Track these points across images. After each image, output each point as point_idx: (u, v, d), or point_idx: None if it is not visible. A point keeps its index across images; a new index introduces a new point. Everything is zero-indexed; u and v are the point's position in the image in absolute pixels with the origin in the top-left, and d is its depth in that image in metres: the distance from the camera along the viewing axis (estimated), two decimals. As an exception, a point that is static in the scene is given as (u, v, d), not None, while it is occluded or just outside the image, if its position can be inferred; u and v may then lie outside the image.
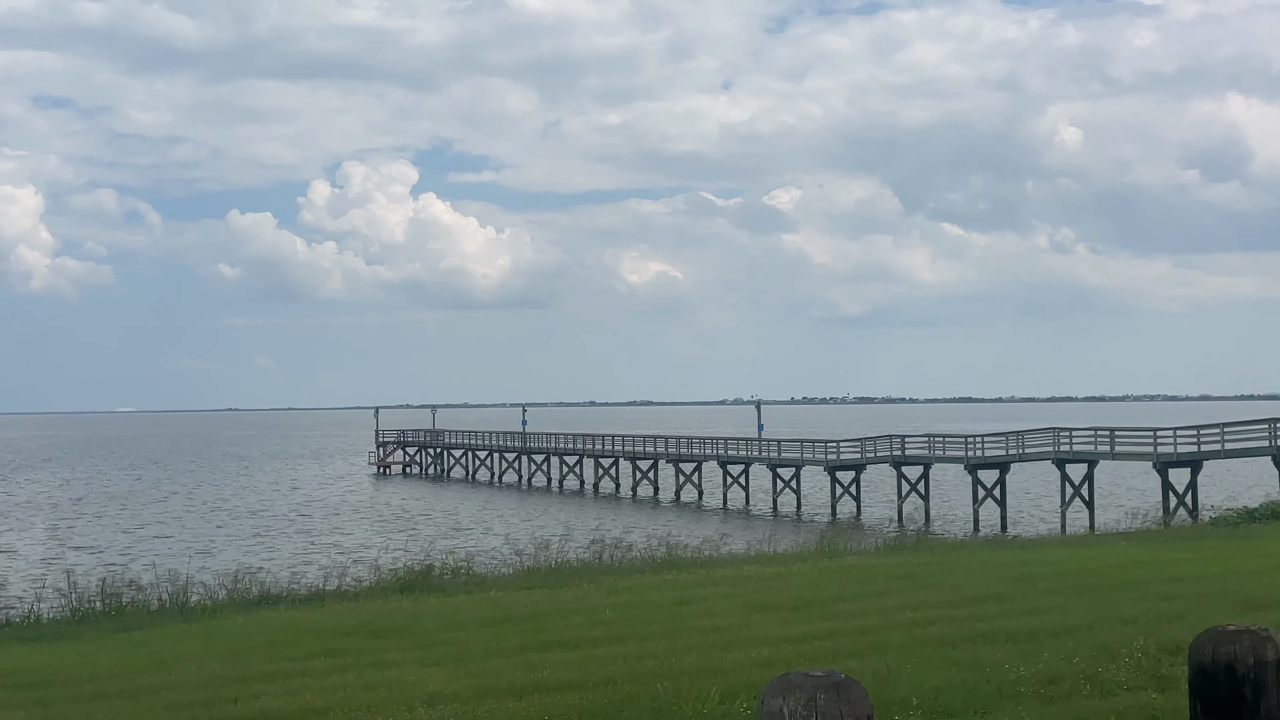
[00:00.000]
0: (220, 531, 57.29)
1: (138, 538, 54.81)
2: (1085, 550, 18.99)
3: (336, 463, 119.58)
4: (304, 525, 59.82)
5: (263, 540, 52.59)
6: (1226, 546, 18.54)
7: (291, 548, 49.66)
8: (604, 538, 28.55)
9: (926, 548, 22.31)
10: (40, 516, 66.81)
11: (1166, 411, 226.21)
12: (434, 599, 17.28)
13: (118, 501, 75.86)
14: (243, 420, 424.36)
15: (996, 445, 57.27)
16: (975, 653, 10.70)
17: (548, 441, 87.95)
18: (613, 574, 18.87)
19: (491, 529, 55.82)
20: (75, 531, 58.02)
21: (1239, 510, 28.09)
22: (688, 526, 53.94)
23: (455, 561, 22.43)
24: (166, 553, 45.28)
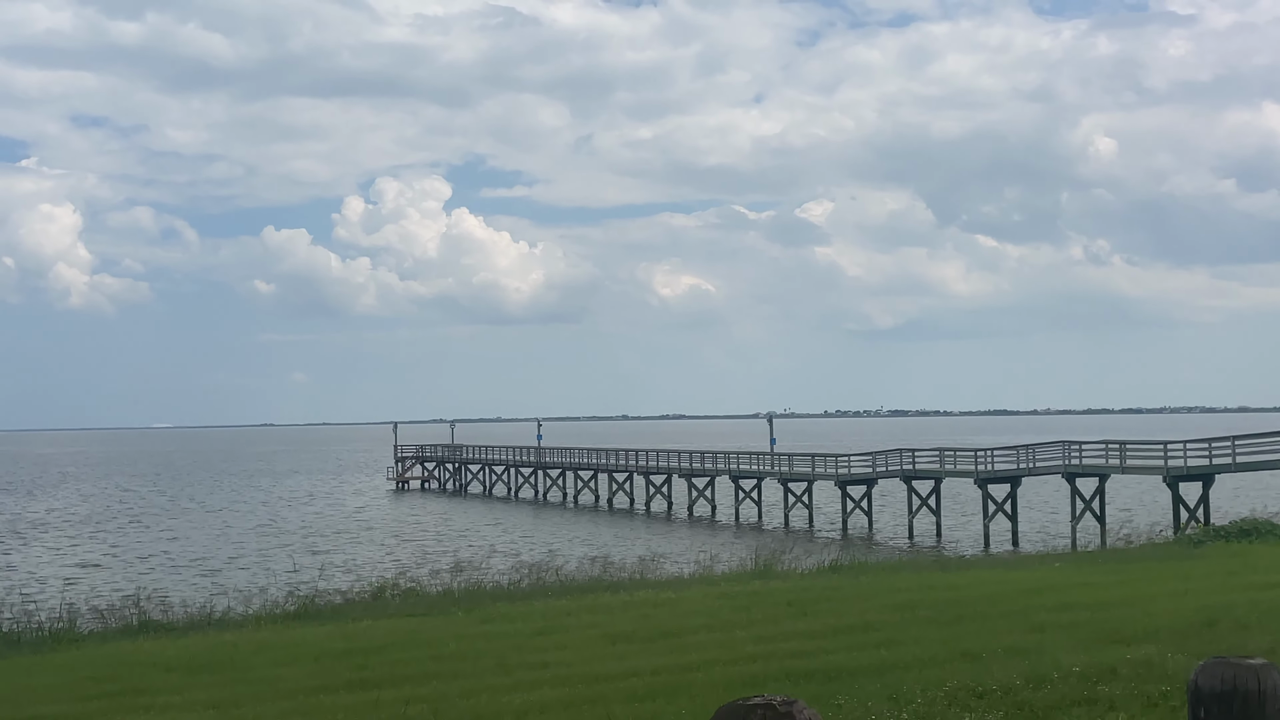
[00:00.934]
0: (200, 550, 56.68)
1: (117, 557, 54.48)
2: (1008, 573, 18.32)
3: (357, 478, 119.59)
4: (285, 542, 59.29)
5: (239, 559, 51.75)
6: (1160, 568, 17.83)
7: (256, 568, 48.80)
8: (539, 559, 28.00)
9: (861, 569, 21.63)
10: (37, 534, 66.82)
11: (1204, 423, 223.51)
12: (308, 628, 16.82)
13: (124, 518, 75.97)
14: (277, 435, 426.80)
15: (1007, 459, 56.31)
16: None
17: (562, 456, 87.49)
18: (509, 599, 18.37)
19: (466, 547, 55.42)
20: (56, 550, 57.84)
21: (1220, 526, 27.15)
22: (674, 542, 53.53)
23: (382, 585, 21.96)
24: (130, 573, 45.31)
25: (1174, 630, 12.14)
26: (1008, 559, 25.75)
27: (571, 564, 26.38)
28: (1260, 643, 11.21)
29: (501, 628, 15.29)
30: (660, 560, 27.85)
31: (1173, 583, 15.87)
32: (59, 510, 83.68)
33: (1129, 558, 22.10)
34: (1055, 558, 23.27)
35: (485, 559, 28.18)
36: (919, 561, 25.95)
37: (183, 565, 50.04)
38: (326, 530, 65.83)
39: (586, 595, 18.15)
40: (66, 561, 52.62)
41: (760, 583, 18.61)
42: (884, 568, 22.35)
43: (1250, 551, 20.78)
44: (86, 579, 44.73)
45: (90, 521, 73.88)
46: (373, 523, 69.84)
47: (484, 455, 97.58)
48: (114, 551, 56.77)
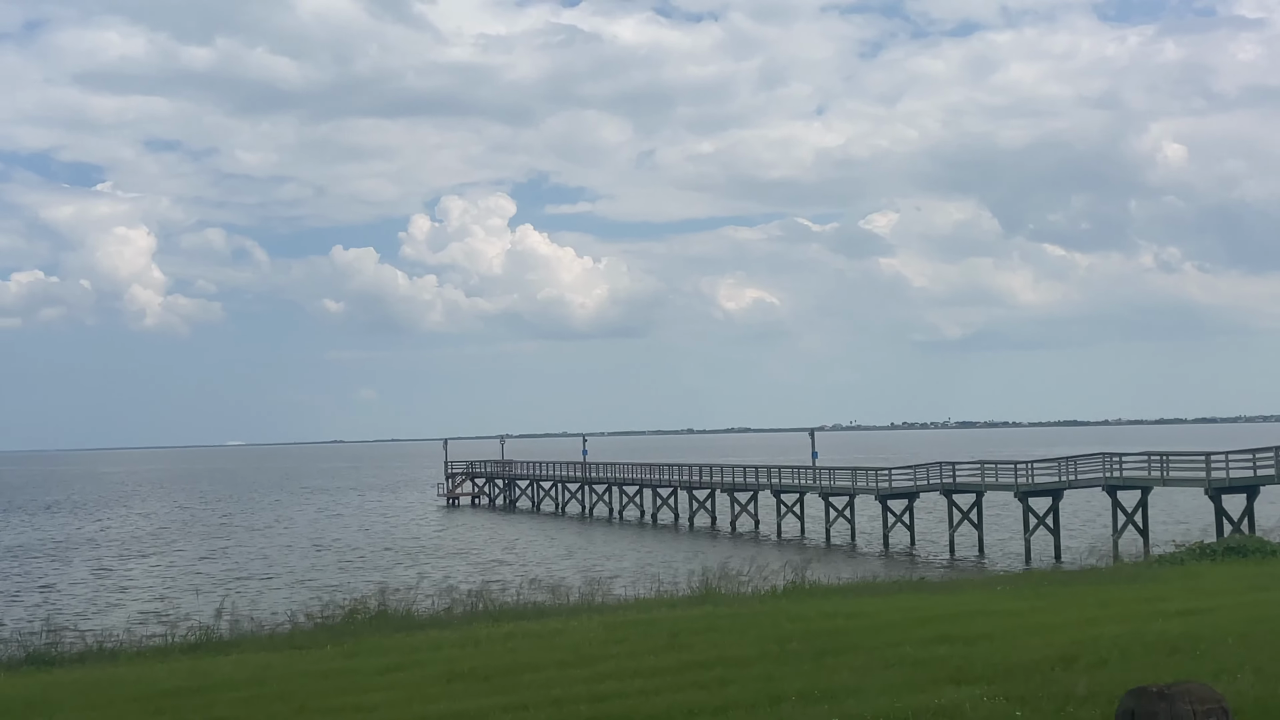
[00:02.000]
0: (210, 568, 57.18)
1: (153, 576, 55.18)
2: (929, 599, 17.56)
3: (410, 495, 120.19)
4: (317, 560, 59.58)
5: (243, 578, 51.96)
6: (1096, 593, 17.01)
7: (256, 586, 48.95)
8: (509, 579, 27.50)
9: (808, 592, 20.85)
10: (76, 552, 67.77)
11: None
12: (169, 664, 16.55)
13: (171, 536, 76.89)
14: (345, 452, 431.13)
15: (1048, 472, 55.12)
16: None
17: (607, 472, 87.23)
18: (406, 628, 17.96)
19: (469, 564, 55.26)
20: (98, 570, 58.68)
21: (1192, 546, 26.04)
22: (683, 556, 52.95)
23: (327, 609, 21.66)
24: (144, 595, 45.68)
25: (1022, 668, 11.56)
26: (977, 579, 24.91)
27: (527, 586, 25.92)
28: (1101, 682, 10.63)
29: (354, 664, 14.95)
30: (622, 579, 27.23)
31: (1088, 610, 15.18)
32: (110, 528, 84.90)
33: (1091, 579, 21.22)
34: (1024, 577, 22.46)
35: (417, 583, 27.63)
36: (878, 585, 24.99)
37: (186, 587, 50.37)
38: (363, 547, 66.11)
39: (469, 626, 17.71)
40: (103, 583, 53.29)
41: (671, 610, 18.06)
42: (831, 590, 21.63)
43: (1210, 573, 19.84)
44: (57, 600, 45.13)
45: (132, 540, 74.84)
46: (397, 541, 69.66)
47: (532, 471, 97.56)
48: (152, 571, 57.43)
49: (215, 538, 74.75)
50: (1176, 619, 14.42)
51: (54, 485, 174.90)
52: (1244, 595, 17.06)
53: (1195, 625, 13.68)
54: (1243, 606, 15.42)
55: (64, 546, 71.05)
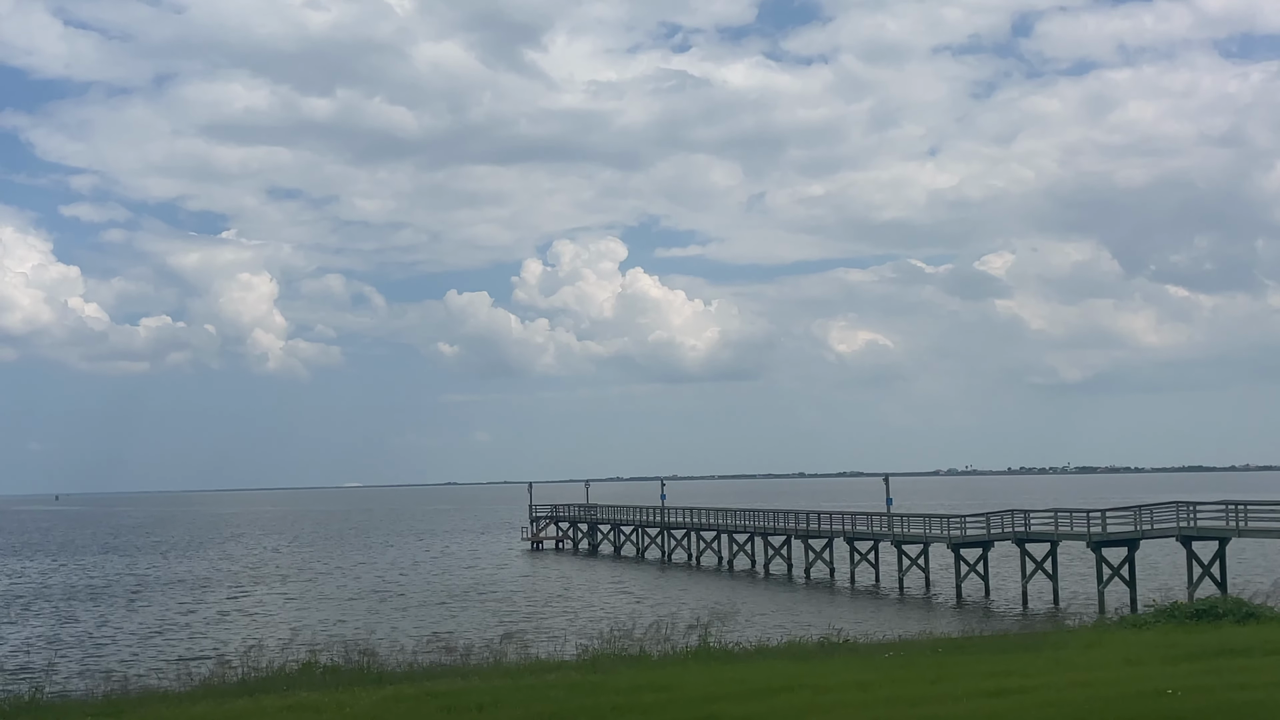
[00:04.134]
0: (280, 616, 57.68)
1: (199, 617, 55.70)
2: (791, 666, 16.37)
3: (499, 538, 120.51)
4: (325, 612, 59.60)
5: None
6: (943, 666, 15.59)
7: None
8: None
9: (714, 656, 19.61)
10: (157, 593, 68.91)
11: None
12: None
13: (238, 578, 77.95)
14: (458, 494, 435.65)
15: (1123, 521, 52.83)
16: None
17: (685, 517, 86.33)
18: (218, 697, 17.31)
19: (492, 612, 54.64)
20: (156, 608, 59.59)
21: (1167, 606, 24.18)
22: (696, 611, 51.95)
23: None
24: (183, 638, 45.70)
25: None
26: (892, 644, 23.33)
27: (424, 644, 25.14)
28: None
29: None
30: (564, 636, 26.25)
31: (907, 687, 14.02)
32: (180, 570, 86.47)
33: (989, 647, 19.71)
34: (925, 643, 20.93)
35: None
36: (793, 648, 23.55)
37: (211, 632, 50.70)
38: (422, 593, 66.16)
39: (293, 693, 17.05)
40: (141, 621, 54.13)
41: (502, 680, 17.13)
42: (722, 655, 20.43)
43: (1114, 642, 18.11)
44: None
45: (209, 583, 75.97)
46: (459, 587, 69.32)
47: (612, 515, 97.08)
48: (210, 612, 58.10)
49: (289, 579, 75.57)
50: (965, 702, 13.22)
51: (162, 526, 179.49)
52: (1096, 672, 15.67)
53: (966, 713, 12.55)
54: (1059, 689, 14.15)
55: (107, 587, 72.32)
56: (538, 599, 60.58)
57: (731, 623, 46.12)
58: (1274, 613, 23.54)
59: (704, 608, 53.65)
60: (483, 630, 42.60)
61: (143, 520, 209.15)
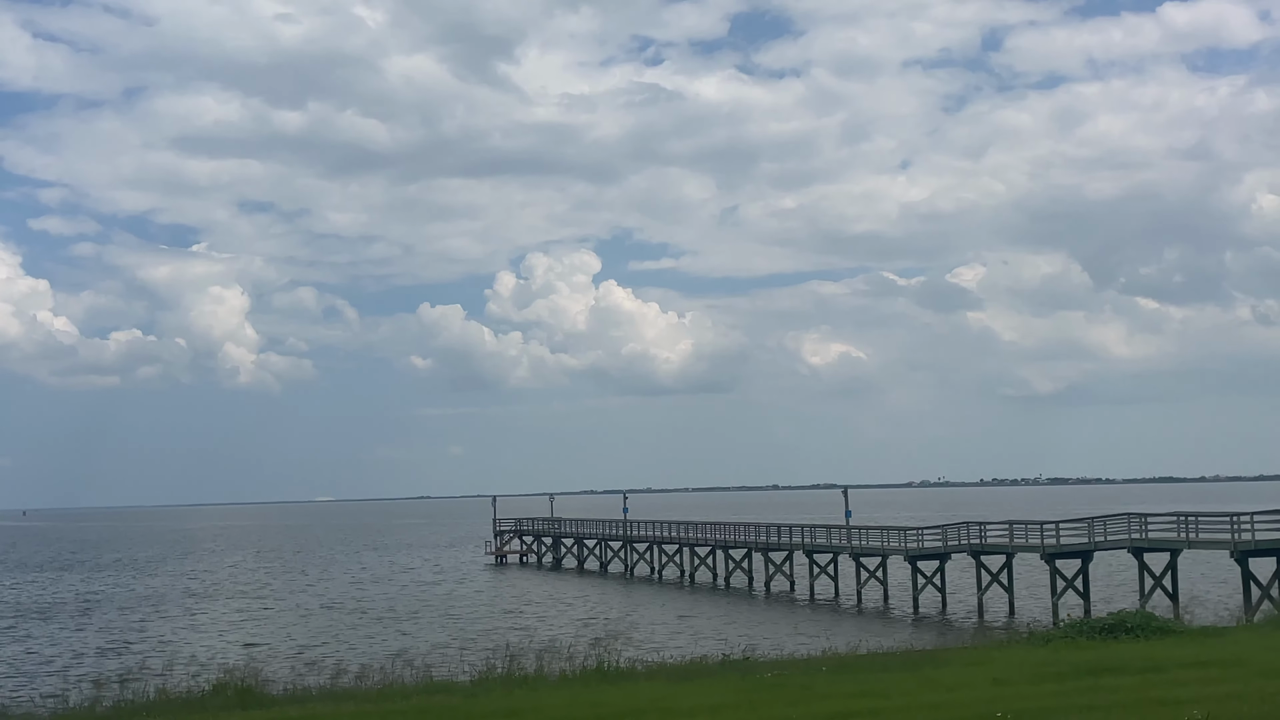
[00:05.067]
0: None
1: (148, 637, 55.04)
2: (667, 688, 16.08)
3: (464, 551, 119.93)
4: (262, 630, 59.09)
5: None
6: (815, 685, 15.36)
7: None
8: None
9: (537, 685, 19.07)
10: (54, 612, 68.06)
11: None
12: None
13: (195, 595, 77.13)
14: (431, 508, 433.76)
15: (1076, 533, 52.86)
16: None
17: (647, 530, 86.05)
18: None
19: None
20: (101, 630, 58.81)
21: (1075, 621, 23.98)
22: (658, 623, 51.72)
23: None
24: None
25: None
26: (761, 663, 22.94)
27: (303, 667, 24.67)
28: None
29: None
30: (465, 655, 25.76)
31: (771, 709, 13.75)
32: (133, 588, 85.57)
33: (869, 666, 19.40)
34: (805, 663, 20.57)
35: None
36: (692, 667, 23.16)
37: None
38: (373, 609, 65.64)
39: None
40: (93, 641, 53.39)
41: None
42: (633, 674, 20.14)
43: (996, 661, 17.77)
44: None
45: (162, 601, 75.19)
46: (409, 602, 68.68)
47: (576, 529, 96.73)
48: (154, 631, 57.37)
49: (246, 596, 74.89)
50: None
51: (127, 542, 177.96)
52: (957, 693, 15.42)
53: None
54: (907, 711, 13.95)
55: (57, 606, 71.40)
56: (488, 615, 60.03)
57: (648, 639, 46.30)
58: (1183, 626, 23.39)
59: (642, 623, 53.59)
60: (421, 647, 42.22)
61: (108, 536, 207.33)
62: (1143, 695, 13.29)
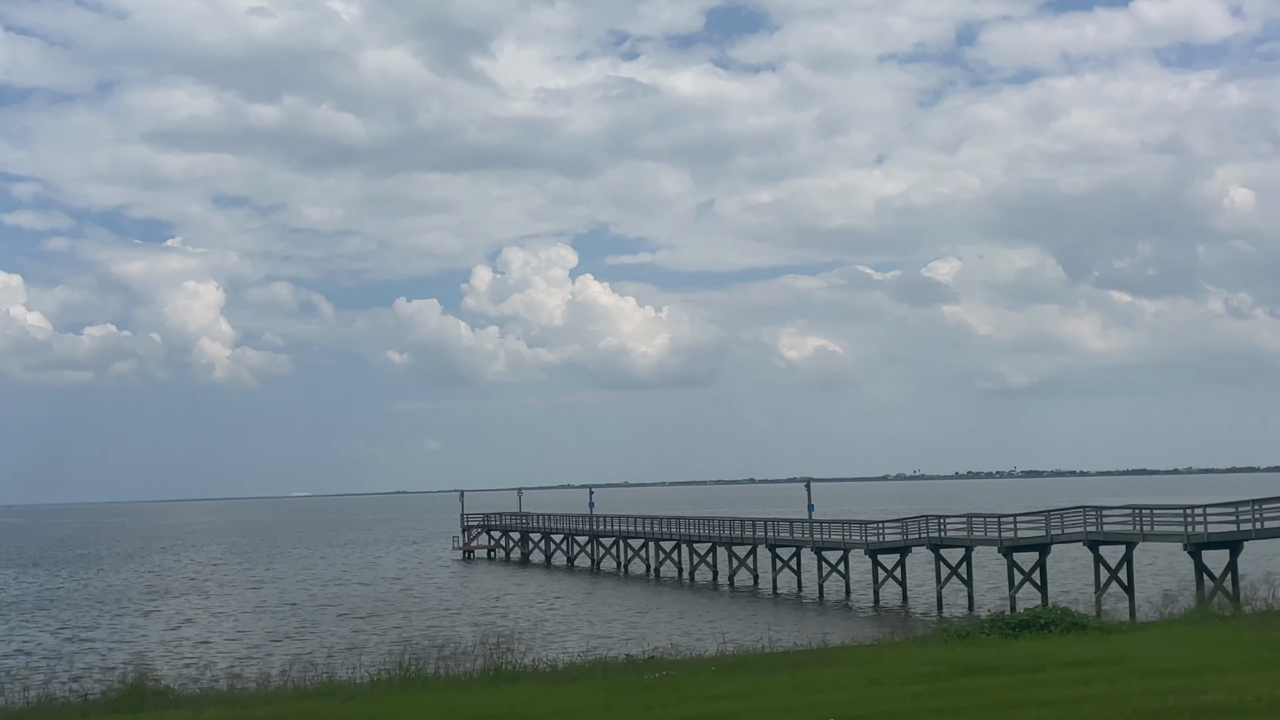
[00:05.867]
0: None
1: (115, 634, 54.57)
2: (508, 692, 15.79)
3: (434, 547, 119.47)
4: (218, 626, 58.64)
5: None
6: (766, 683, 15.13)
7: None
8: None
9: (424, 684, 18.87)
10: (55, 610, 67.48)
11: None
12: None
13: (150, 593, 76.63)
14: (406, 503, 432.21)
15: (1034, 526, 52.91)
16: None
17: (613, 525, 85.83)
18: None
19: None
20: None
21: (994, 616, 23.79)
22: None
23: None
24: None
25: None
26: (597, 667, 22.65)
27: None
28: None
29: None
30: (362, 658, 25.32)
31: (625, 714, 13.55)
32: (129, 580, 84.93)
33: (790, 663, 19.14)
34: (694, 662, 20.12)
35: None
36: (593, 666, 22.78)
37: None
38: (336, 606, 65.27)
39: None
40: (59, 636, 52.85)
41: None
42: (526, 674, 19.86)
43: (882, 659, 17.48)
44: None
45: (121, 598, 74.59)
46: (368, 599, 68.35)
47: (543, 524, 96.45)
48: (104, 629, 56.86)
49: (207, 593, 74.38)
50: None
51: (97, 538, 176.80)
52: (821, 694, 15.22)
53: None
54: (758, 714, 13.72)
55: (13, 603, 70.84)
56: (441, 613, 59.48)
57: (596, 634, 46.09)
58: (1099, 622, 23.21)
59: (596, 619, 53.41)
60: (370, 645, 41.93)
61: (78, 532, 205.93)
62: (1002, 697, 13.09)
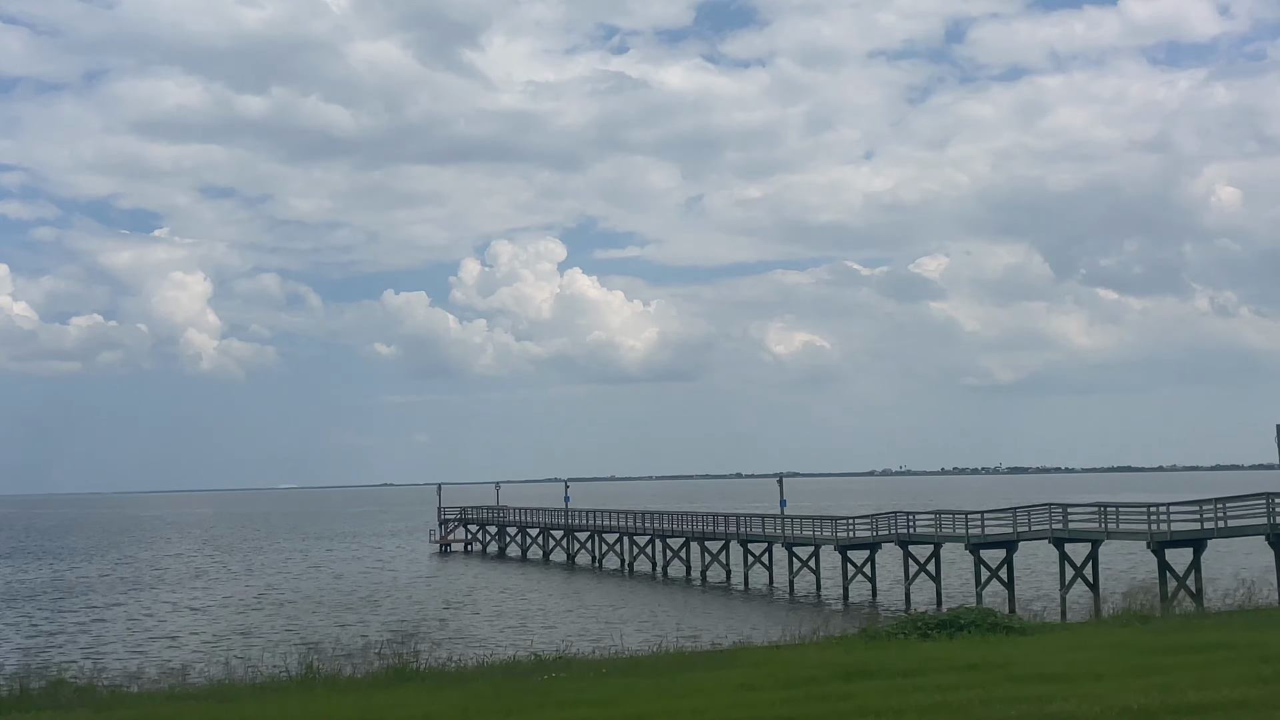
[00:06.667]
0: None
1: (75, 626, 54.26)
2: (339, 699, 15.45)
3: (413, 540, 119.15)
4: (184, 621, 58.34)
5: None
6: (640, 687, 14.89)
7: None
8: None
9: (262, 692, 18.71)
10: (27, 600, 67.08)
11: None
12: None
13: (120, 585, 76.32)
14: (392, 495, 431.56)
15: (1001, 523, 52.85)
16: None
17: (589, 519, 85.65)
18: None
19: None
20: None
21: (911, 616, 23.51)
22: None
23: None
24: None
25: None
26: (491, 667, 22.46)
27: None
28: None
29: None
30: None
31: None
32: (100, 573, 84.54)
33: (677, 666, 18.90)
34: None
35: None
36: (508, 665, 22.48)
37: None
38: (303, 601, 65.02)
39: None
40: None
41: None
42: (429, 675, 19.60)
43: (782, 659, 17.30)
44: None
45: (90, 590, 74.25)
46: (337, 594, 68.07)
47: (520, 518, 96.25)
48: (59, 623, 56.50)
49: (175, 587, 74.05)
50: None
51: (77, 529, 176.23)
52: (688, 700, 14.99)
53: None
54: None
55: None
56: (407, 606, 59.16)
57: (554, 629, 45.91)
58: (1019, 623, 22.97)
59: (552, 613, 53.26)
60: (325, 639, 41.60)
61: (59, 523, 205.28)
62: (862, 704, 12.88)
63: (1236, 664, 15.11)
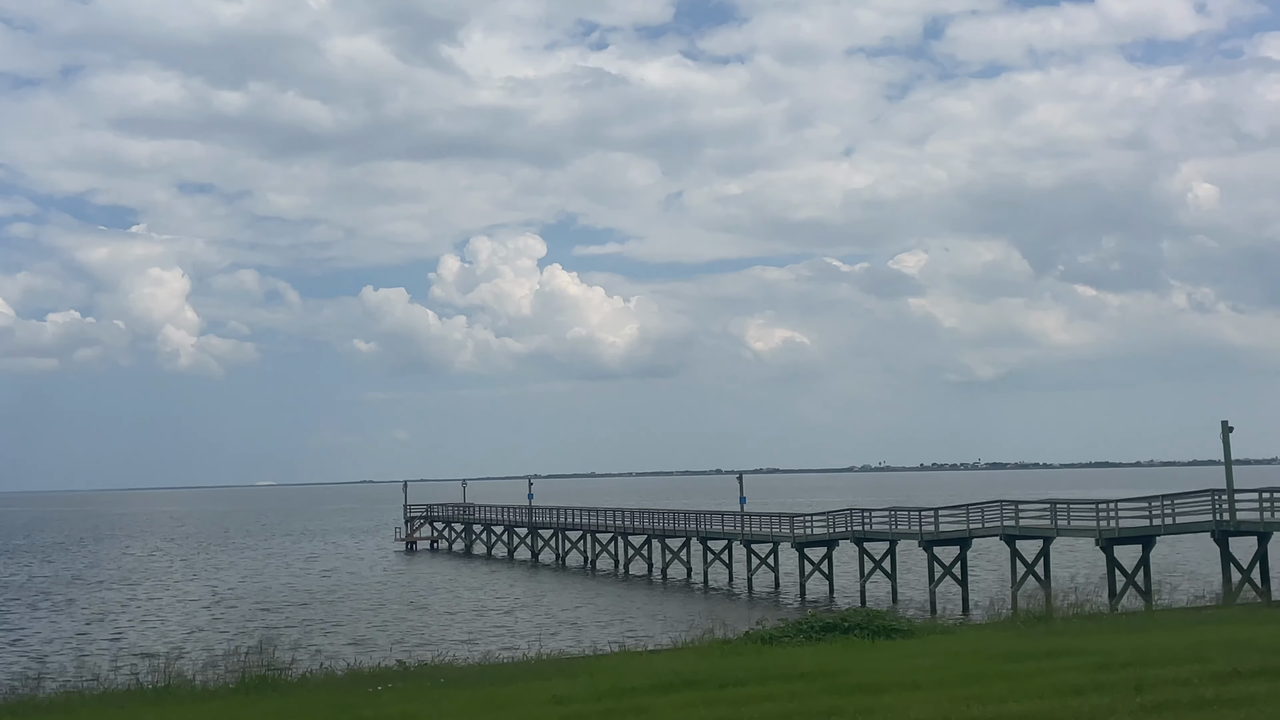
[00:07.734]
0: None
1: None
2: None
3: (380, 538, 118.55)
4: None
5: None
6: (458, 700, 14.50)
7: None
8: None
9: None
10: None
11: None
12: None
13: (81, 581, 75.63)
14: (370, 492, 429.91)
15: (955, 520, 52.67)
16: None
17: (552, 516, 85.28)
18: None
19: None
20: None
21: (803, 618, 23.14)
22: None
23: None
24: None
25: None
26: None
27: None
28: None
29: None
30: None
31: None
32: (37, 574, 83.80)
33: (534, 674, 18.63)
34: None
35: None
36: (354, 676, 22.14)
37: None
38: (262, 599, 64.53)
39: None
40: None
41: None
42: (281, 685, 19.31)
43: (641, 669, 17.00)
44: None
45: (47, 590, 73.58)
46: (292, 593, 67.53)
47: (485, 515, 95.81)
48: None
49: (133, 585, 73.40)
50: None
51: (46, 527, 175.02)
52: (491, 714, 14.76)
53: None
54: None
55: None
56: (352, 606, 58.74)
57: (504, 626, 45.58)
58: (907, 624, 22.59)
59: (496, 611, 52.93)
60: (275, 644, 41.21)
61: (29, 521, 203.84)
62: (653, 718, 12.55)
63: (1068, 672, 14.85)
